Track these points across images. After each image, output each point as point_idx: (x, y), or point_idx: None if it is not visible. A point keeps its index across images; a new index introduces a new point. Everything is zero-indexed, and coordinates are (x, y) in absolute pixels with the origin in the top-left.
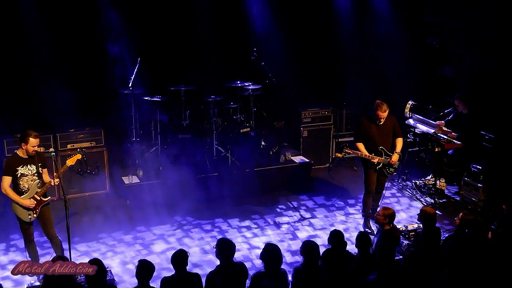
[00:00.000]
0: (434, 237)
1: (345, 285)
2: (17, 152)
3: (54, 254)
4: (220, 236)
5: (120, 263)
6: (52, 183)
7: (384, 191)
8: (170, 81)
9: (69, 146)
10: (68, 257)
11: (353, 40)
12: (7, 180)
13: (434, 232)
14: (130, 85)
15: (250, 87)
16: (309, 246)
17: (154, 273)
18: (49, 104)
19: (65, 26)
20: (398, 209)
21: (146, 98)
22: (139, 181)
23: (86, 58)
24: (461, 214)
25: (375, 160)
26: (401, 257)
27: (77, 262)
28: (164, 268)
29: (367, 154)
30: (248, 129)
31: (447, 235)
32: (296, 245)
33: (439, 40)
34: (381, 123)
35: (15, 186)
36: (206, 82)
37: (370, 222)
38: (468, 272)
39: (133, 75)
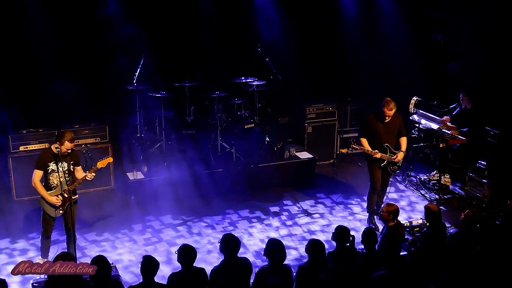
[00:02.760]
0: (438, 234)
1: (350, 282)
2: (51, 146)
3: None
4: (221, 233)
5: (128, 253)
6: (88, 178)
7: (388, 188)
8: (174, 77)
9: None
10: (74, 253)
11: (358, 35)
12: (38, 173)
13: (439, 228)
14: (134, 81)
15: (254, 83)
16: (314, 244)
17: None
18: (54, 100)
19: (70, 22)
20: (403, 205)
21: (151, 94)
22: (143, 177)
23: (91, 53)
24: (466, 211)
25: (378, 156)
26: (406, 253)
27: (80, 256)
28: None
29: (370, 149)
30: (253, 125)
31: (452, 232)
32: (299, 238)
33: (444, 35)
34: (387, 121)
35: (45, 181)
36: (210, 78)
37: (375, 218)
38: (472, 269)
39: (138, 71)
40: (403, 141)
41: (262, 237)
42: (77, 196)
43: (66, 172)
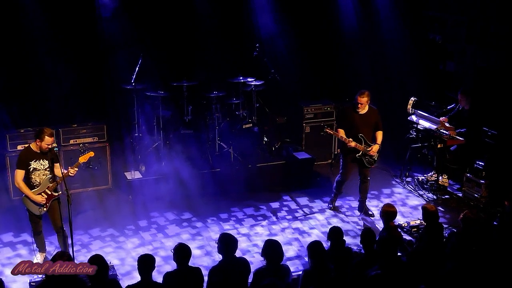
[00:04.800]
0: (436, 234)
1: (349, 282)
2: (30, 145)
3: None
4: (219, 234)
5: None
6: (70, 174)
7: (388, 188)
8: (172, 76)
9: (71, 142)
10: (71, 252)
11: (356, 35)
12: (20, 173)
13: (436, 228)
14: (132, 81)
15: (252, 83)
16: (315, 247)
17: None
18: (52, 99)
19: (68, 22)
20: (400, 205)
21: (149, 93)
22: (141, 176)
23: (89, 53)
24: (465, 211)
25: (352, 145)
26: (402, 253)
27: (86, 252)
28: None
29: (345, 137)
30: (251, 124)
31: (450, 232)
32: (296, 237)
33: (441, 35)
34: (359, 110)
35: (27, 180)
36: (208, 78)
37: (366, 207)
38: (470, 270)
39: (136, 71)
40: (379, 134)
41: (261, 233)
42: (60, 192)
43: (48, 169)
